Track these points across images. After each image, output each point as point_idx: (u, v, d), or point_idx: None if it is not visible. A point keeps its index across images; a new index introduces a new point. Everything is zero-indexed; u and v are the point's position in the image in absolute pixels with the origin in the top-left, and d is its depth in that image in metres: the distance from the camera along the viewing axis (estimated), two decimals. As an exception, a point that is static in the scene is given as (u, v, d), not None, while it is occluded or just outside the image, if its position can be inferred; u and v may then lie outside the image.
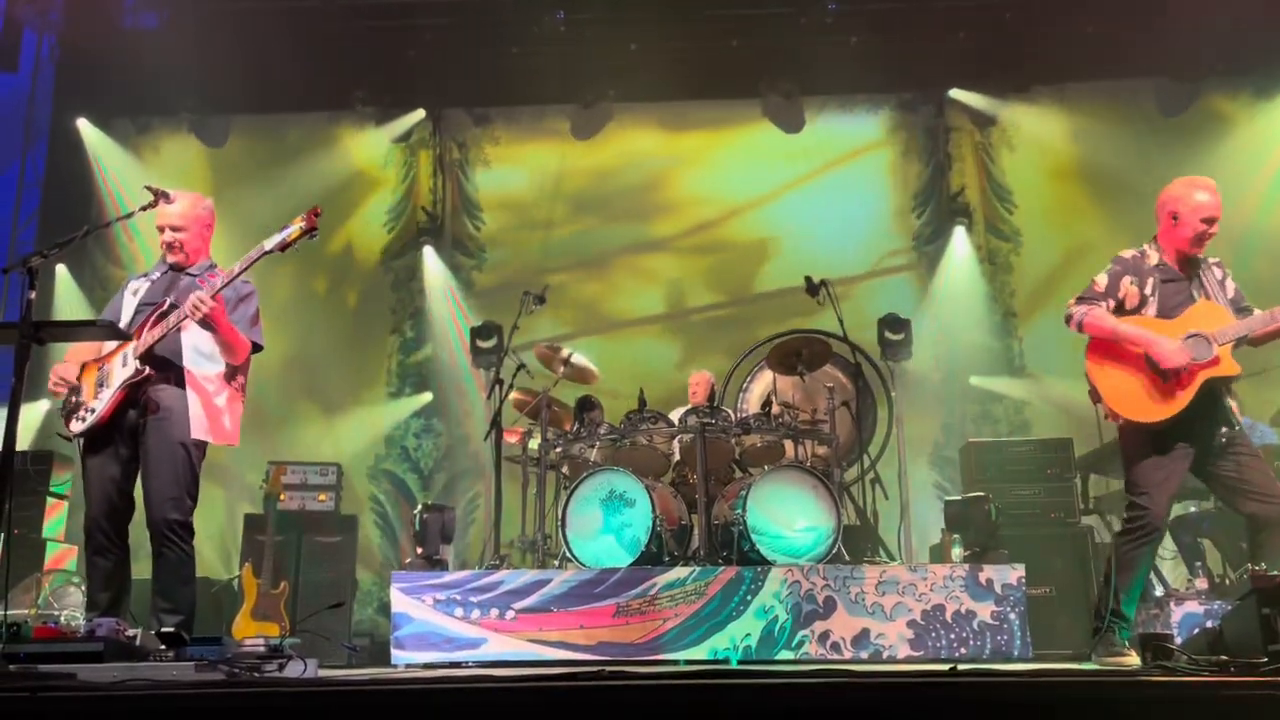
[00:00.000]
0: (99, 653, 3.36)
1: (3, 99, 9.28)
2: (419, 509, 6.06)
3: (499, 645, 4.95)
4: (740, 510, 5.23)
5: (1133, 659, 4.06)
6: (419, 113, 9.32)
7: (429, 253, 9.26)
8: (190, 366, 4.12)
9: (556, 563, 5.51)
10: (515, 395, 6.45)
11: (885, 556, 5.91)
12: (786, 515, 5.25)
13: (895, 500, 6.96)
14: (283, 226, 4.07)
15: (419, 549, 5.90)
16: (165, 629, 3.84)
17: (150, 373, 4.02)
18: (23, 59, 8.84)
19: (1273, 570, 3.74)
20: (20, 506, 6.77)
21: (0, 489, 3.26)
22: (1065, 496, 6.58)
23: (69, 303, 8.90)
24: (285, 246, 4.04)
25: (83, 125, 9.21)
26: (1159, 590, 5.86)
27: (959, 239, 9.00)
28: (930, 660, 4.77)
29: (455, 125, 9.55)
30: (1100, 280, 4.36)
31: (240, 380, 4.31)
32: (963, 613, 4.85)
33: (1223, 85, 8.88)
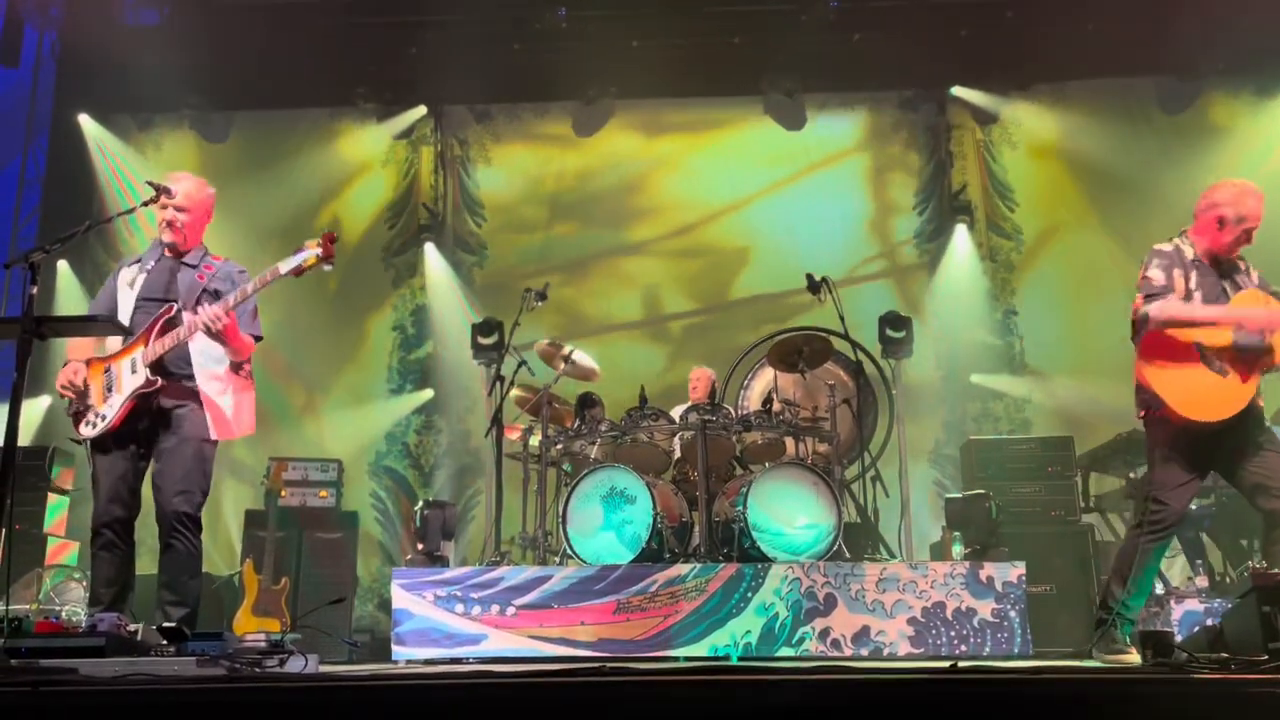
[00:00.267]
0: (100, 648, 3.37)
1: (4, 95, 9.28)
2: (420, 505, 6.06)
3: (499, 641, 4.95)
4: (741, 507, 5.24)
5: (1133, 656, 4.06)
6: (420, 109, 9.31)
7: (430, 249, 9.25)
8: (199, 368, 4.18)
9: (557, 559, 5.51)
10: (516, 392, 6.45)
11: (886, 554, 5.91)
12: (787, 512, 5.25)
13: (896, 498, 6.94)
14: (297, 249, 4.11)
15: (420, 545, 5.91)
16: (169, 622, 3.86)
17: (161, 384, 4.07)
18: (24, 55, 8.84)
19: (1274, 568, 3.74)
20: (22, 502, 6.77)
21: (2, 484, 3.26)
22: (1066, 494, 6.58)
23: (70, 298, 8.90)
24: (300, 272, 4.10)
25: (84, 121, 9.21)
26: (1160, 588, 5.86)
27: (960, 237, 8.98)
28: (930, 657, 4.77)
29: (456, 122, 9.54)
30: (1157, 276, 4.28)
31: (246, 369, 4.34)
32: (963, 610, 4.85)
33: (1224, 84, 8.86)
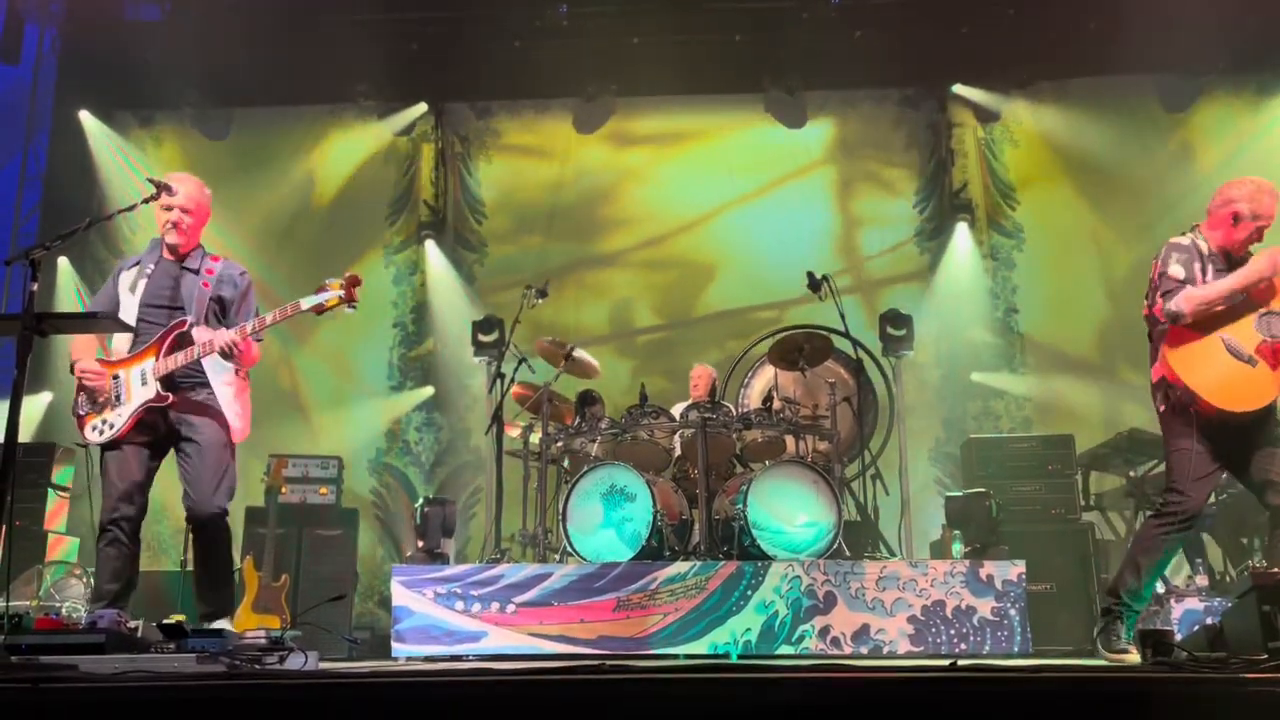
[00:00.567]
0: (101, 644, 3.37)
1: (4, 92, 9.27)
2: (420, 503, 6.08)
3: (499, 639, 4.96)
4: (741, 505, 5.23)
5: (1133, 656, 4.07)
6: (421, 106, 9.31)
7: (431, 247, 9.25)
8: (214, 376, 4.24)
9: (557, 557, 5.51)
10: (516, 389, 6.45)
11: (886, 552, 5.91)
12: (787, 510, 5.25)
13: (896, 496, 6.96)
14: (320, 288, 4.14)
15: (420, 542, 5.91)
16: (204, 620, 4.04)
17: (172, 399, 4.12)
18: (24, 51, 8.83)
19: (1274, 567, 3.74)
20: (22, 498, 6.79)
21: (2, 481, 3.26)
22: (1066, 493, 6.58)
23: (71, 295, 8.91)
24: (320, 310, 4.15)
25: (84, 118, 9.21)
26: (1160, 587, 5.86)
27: (961, 235, 8.98)
28: (930, 656, 4.77)
29: (457, 119, 9.53)
30: (1176, 271, 4.26)
31: (245, 370, 4.37)
32: (963, 608, 4.85)
33: (1226, 82, 8.85)
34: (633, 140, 9.41)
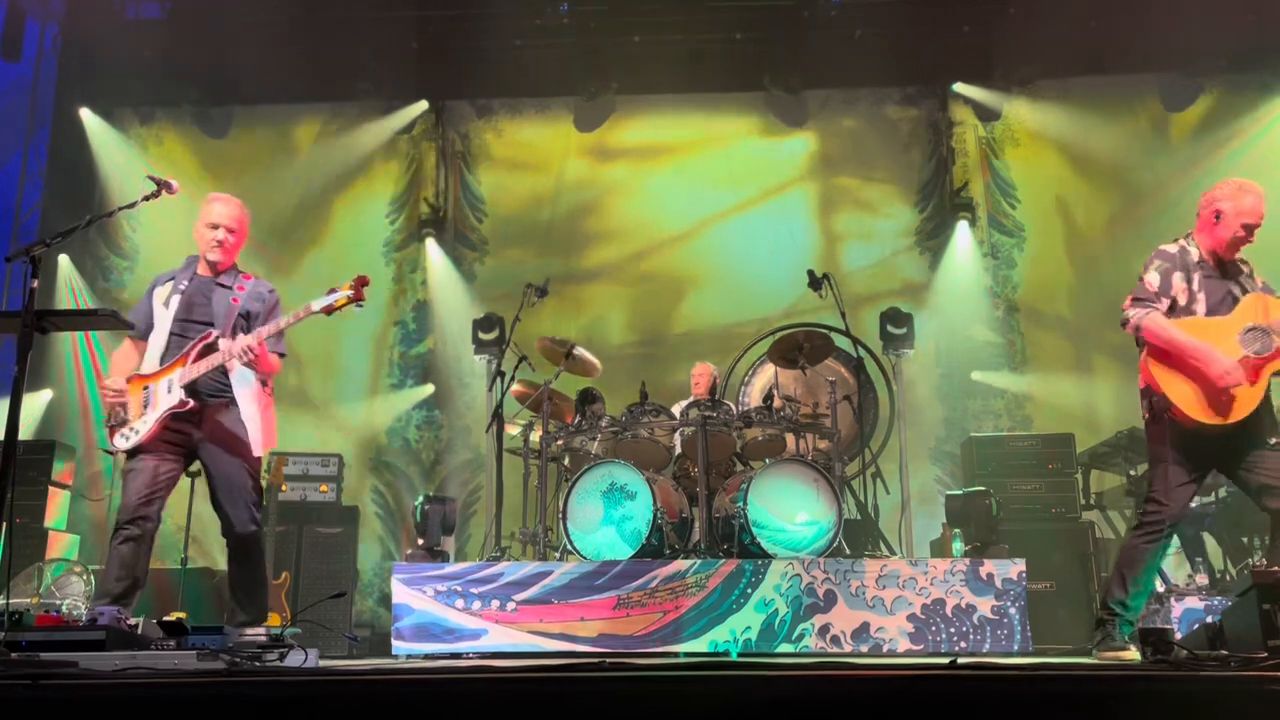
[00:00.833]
0: (101, 641, 3.37)
1: (5, 89, 9.27)
2: (420, 500, 6.07)
3: (500, 636, 4.96)
4: (741, 503, 5.23)
5: (1132, 654, 4.07)
6: (421, 104, 9.30)
7: (431, 245, 9.25)
8: (240, 390, 4.37)
9: (557, 555, 5.51)
10: (517, 387, 6.45)
11: (886, 550, 5.91)
12: (787, 509, 5.25)
13: (896, 494, 6.96)
14: (330, 290, 4.29)
15: (420, 540, 5.91)
16: (243, 629, 4.12)
17: (194, 405, 4.24)
18: (25, 49, 8.83)
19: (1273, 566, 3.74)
20: (22, 496, 6.80)
21: (2, 478, 3.27)
22: (1066, 491, 6.60)
23: (71, 292, 8.91)
24: (330, 310, 4.29)
25: (85, 115, 9.20)
26: (1160, 585, 5.86)
27: (962, 233, 8.97)
28: (930, 654, 4.78)
29: (458, 117, 9.53)
30: (1152, 280, 4.27)
31: (270, 383, 4.52)
32: (963, 607, 4.85)
33: (1227, 81, 8.84)
34: (633, 146, 9.38)
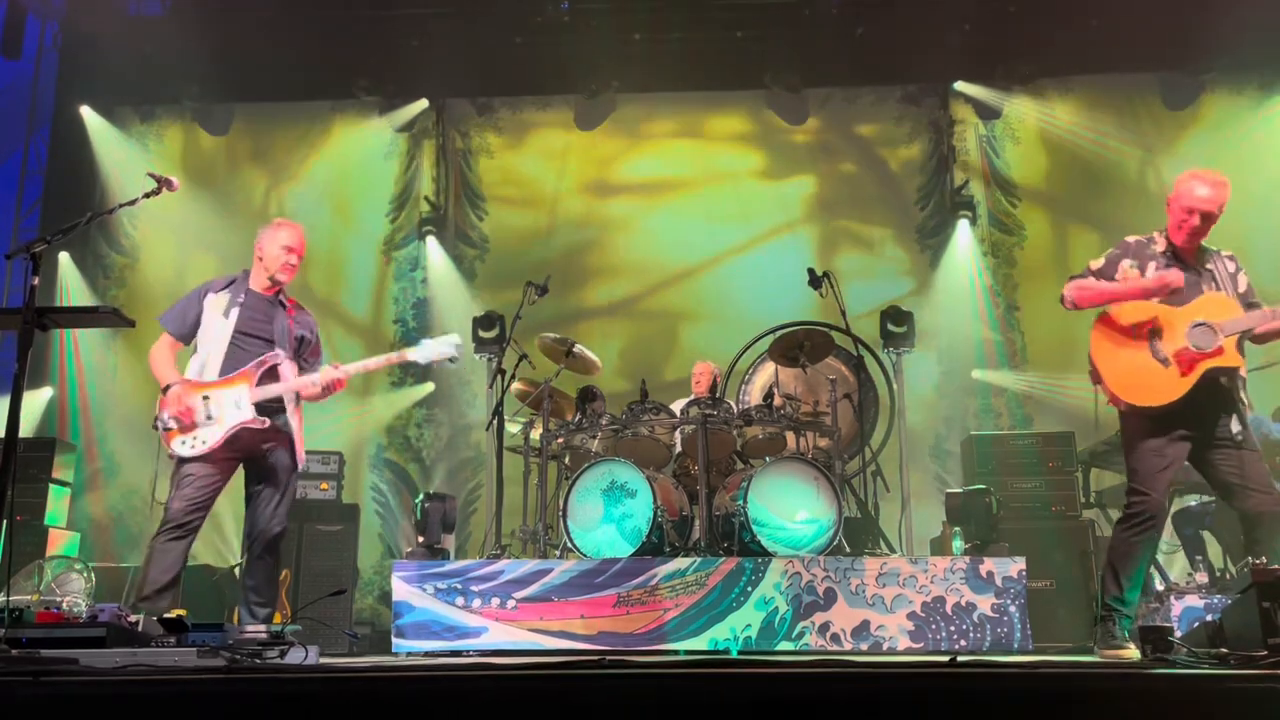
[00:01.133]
0: (101, 638, 3.38)
1: (6, 86, 9.28)
2: (420, 498, 6.07)
3: (500, 634, 4.96)
4: (741, 501, 5.23)
5: (1132, 651, 4.06)
6: (422, 102, 9.30)
7: (432, 243, 9.25)
8: (288, 405, 4.62)
9: (558, 553, 5.51)
10: (517, 385, 6.44)
11: (886, 549, 5.91)
12: (788, 507, 5.25)
13: (896, 493, 6.96)
14: (438, 349, 4.82)
15: (420, 538, 5.91)
16: (253, 620, 4.38)
17: (265, 424, 4.46)
18: (26, 46, 8.83)
19: (1271, 564, 3.73)
20: (23, 493, 6.82)
21: (3, 475, 3.27)
22: (1067, 490, 6.59)
23: (72, 289, 8.92)
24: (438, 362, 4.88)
25: (86, 113, 9.20)
26: (1160, 584, 5.86)
27: (962, 232, 8.98)
28: (930, 652, 4.78)
29: (458, 115, 9.53)
30: (1096, 261, 4.39)
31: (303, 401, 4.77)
32: (963, 605, 4.85)
33: (1228, 80, 8.85)
34: (632, 140, 9.40)
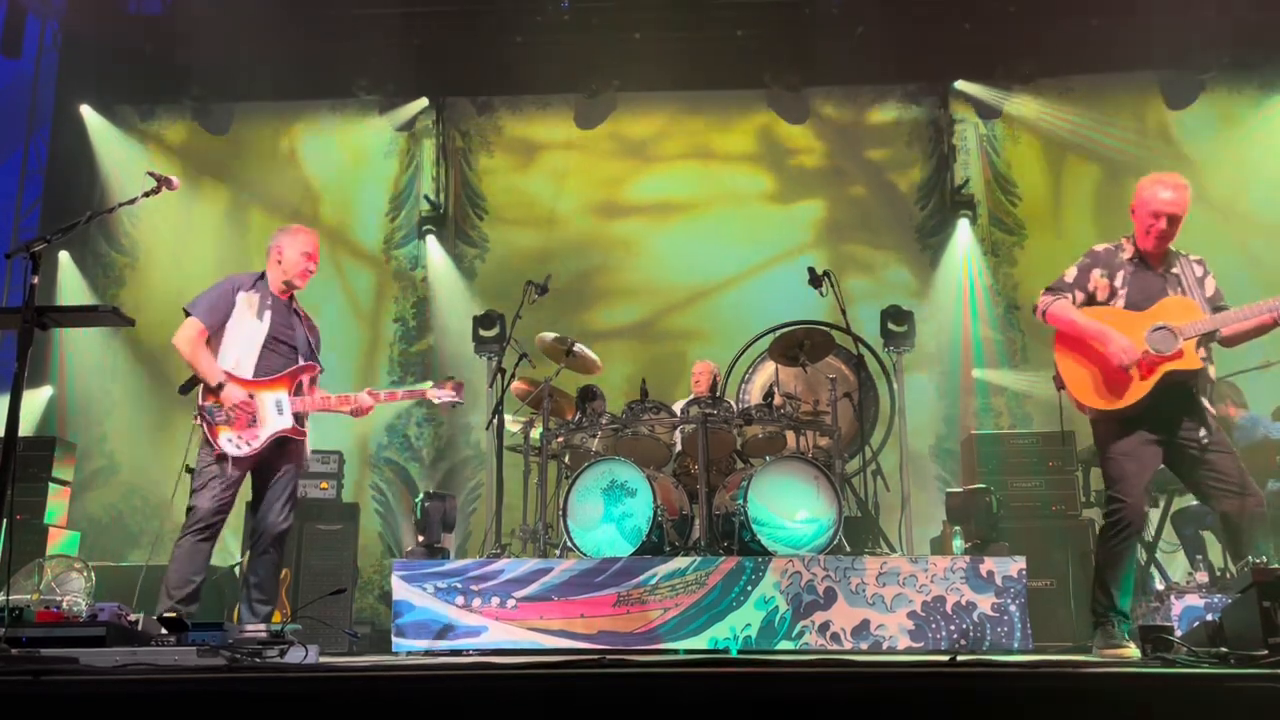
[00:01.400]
0: (101, 637, 3.38)
1: (6, 85, 9.28)
2: (420, 497, 6.07)
3: (500, 633, 4.96)
4: (741, 501, 5.23)
5: (1132, 651, 4.06)
6: (422, 101, 9.29)
7: (432, 242, 9.25)
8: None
9: (558, 552, 5.51)
10: (517, 385, 6.44)
11: (886, 548, 5.91)
12: (788, 506, 5.25)
13: (896, 492, 6.96)
14: (441, 386, 4.98)
15: (420, 537, 5.91)
16: (255, 616, 4.51)
17: (305, 434, 4.71)
18: (26, 45, 8.84)
19: (1271, 563, 3.73)
20: (23, 492, 6.81)
21: (3, 474, 3.27)
22: (1067, 489, 6.59)
23: (72, 288, 8.92)
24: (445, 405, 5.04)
25: (86, 112, 9.20)
26: (1159, 583, 5.86)
27: (962, 231, 8.98)
28: (930, 651, 4.78)
29: (458, 114, 9.53)
30: (1069, 272, 4.43)
31: None
32: (963, 604, 4.85)
33: (1228, 79, 8.84)
34: (632, 145, 9.39)
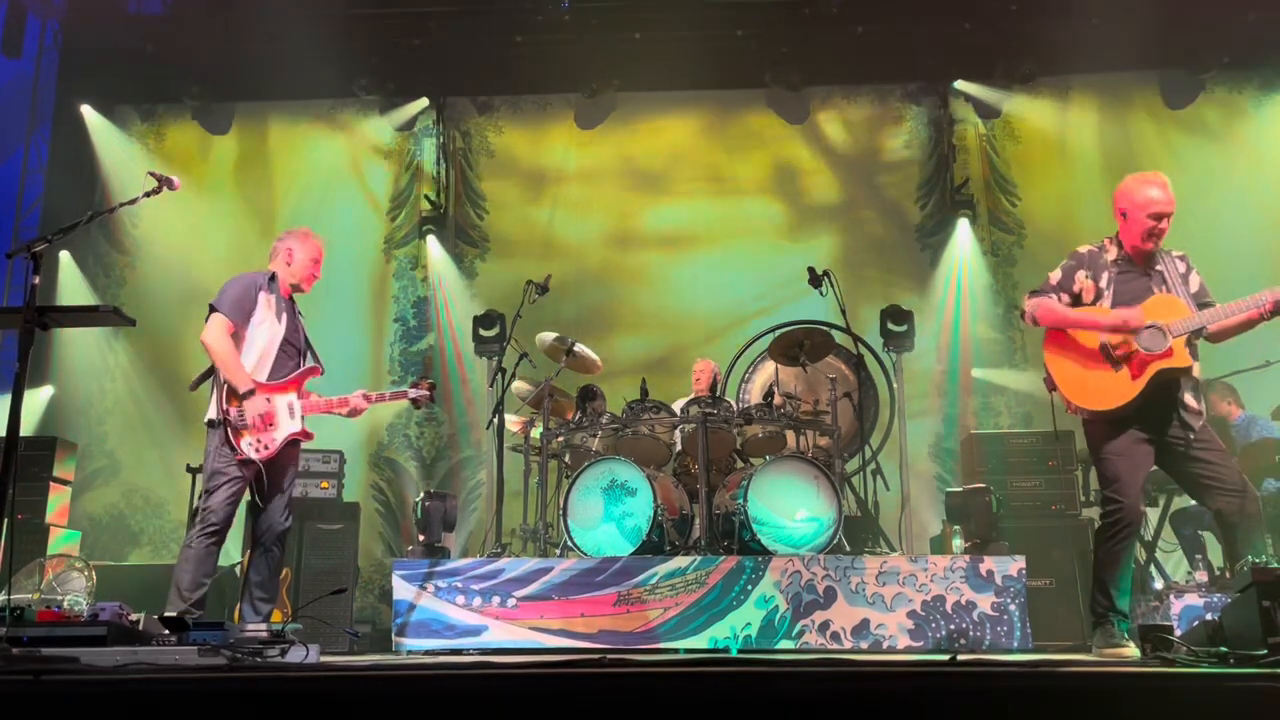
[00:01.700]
0: (102, 637, 3.38)
1: (6, 85, 9.28)
2: (421, 497, 6.07)
3: (500, 633, 4.97)
4: (741, 500, 5.24)
5: (1132, 650, 4.07)
6: (422, 101, 9.30)
7: (432, 241, 9.25)
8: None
9: (558, 551, 5.51)
10: (518, 384, 6.45)
11: (886, 547, 5.92)
12: (787, 505, 5.26)
13: (896, 491, 6.96)
14: (415, 384, 4.92)
15: (421, 537, 5.91)
16: (258, 614, 4.46)
17: (313, 437, 4.69)
18: (26, 45, 8.84)
19: (1270, 563, 3.74)
20: (24, 492, 6.81)
21: (4, 474, 3.27)
22: (1066, 489, 6.59)
23: (72, 288, 8.92)
24: (402, 397, 4.99)
25: (86, 111, 9.21)
26: (1159, 583, 5.87)
27: (962, 231, 8.98)
28: (930, 651, 4.78)
29: (459, 113, 9.54)
30: (1054, 274, 4.43)
31: None
32: (963, 604, 4.86)
33: (1228, 78, 8.85)
34: (631, 147, 9.40)
